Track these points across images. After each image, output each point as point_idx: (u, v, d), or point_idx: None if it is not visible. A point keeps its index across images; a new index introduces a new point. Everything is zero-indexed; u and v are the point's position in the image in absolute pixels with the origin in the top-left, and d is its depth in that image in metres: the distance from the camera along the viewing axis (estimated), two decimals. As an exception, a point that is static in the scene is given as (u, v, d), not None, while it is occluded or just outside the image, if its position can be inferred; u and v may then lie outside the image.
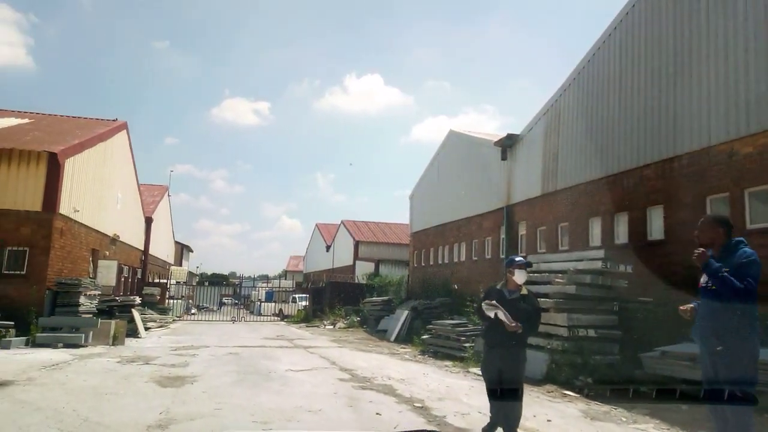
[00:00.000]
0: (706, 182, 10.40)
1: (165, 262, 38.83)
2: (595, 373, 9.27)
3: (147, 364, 10.84)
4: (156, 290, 28.00)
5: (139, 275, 28.51)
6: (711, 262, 4.18)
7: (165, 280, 33.33)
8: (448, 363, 12.35)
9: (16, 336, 13.44)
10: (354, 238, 40.39)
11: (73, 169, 15.87)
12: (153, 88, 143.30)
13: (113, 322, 14.88)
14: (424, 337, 15.25)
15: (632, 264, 10.70)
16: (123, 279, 24.33)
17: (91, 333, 14.12)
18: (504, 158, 17.85)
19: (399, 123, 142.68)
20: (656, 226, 11.70)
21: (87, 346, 13.76)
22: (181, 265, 50.37)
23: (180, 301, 32.43)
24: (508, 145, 17.70)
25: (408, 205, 28.12)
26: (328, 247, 48.35)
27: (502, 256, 17.65)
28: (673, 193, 11.13)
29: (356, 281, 34.75)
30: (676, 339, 8.59)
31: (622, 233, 12.78)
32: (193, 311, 35.65)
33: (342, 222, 44.77)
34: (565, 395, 8.41)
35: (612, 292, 10.61)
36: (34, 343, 13.25)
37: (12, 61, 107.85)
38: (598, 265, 10.29)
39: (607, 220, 13.17)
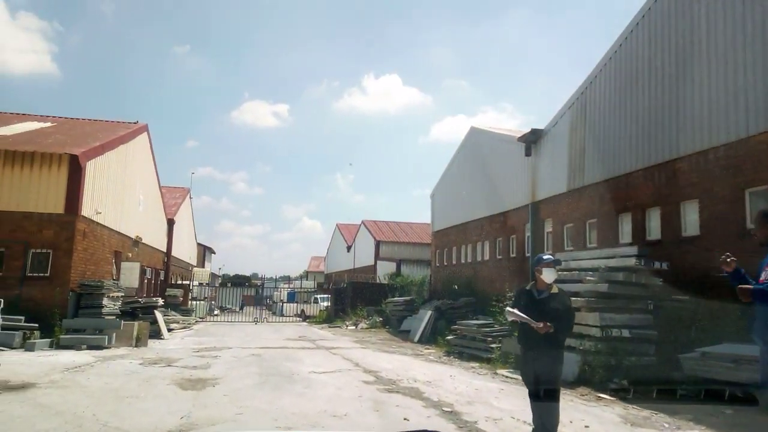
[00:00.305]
0: (745, 174, 9.91)
1: (187, 263, 39.05)
2: (630, 375, 8.86)
3: (169, 365, 10.73)
4: (179, 292, 28.11)
5: (162, 277, 28.66)
6: (755, 292, 3.89)
7: (188, 282, 33.51)
8: (475, 364, 12.03)
9: (41, 338, 13.49)
10: (375, 238, 40.15)
11: (94, 171, 15.90)
12: (174, 92, 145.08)
13: (136, 323, 14.86)
14: (449, 337, 14.93)
15: (667, 261, 10.24)
16: (146, 281, 24.45)
17: (114, 335, 14.10)
18: (528, 154, 17.42)
19: (418, 123, 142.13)
20: (691, 221, 11.22)
21: (110, 347, 13.74)
22: (203, 266, 50.68)
23: (203, 302, 32.54)
24: (532, 140, 17.27)
25: (429, 204, 27.78)
26: (348, 248, 48.19)
27: (528, 255, 17.25)
28: (708, 187, 10.65)
29: (378, 281, 34.51)
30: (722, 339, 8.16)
31: (654, 229, 12.31)
32: (216, 312, 35.76)
33: (363, 222, 44.57)
34: (600, 398, 8.04)
35: (646, 291, 10.17)
36: (58, 345, 13.26)
37: (38, 68, 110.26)
38: (632, 262, 9.87)
39: (638, 215, 12.70)
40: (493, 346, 12.46)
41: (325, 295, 33.97)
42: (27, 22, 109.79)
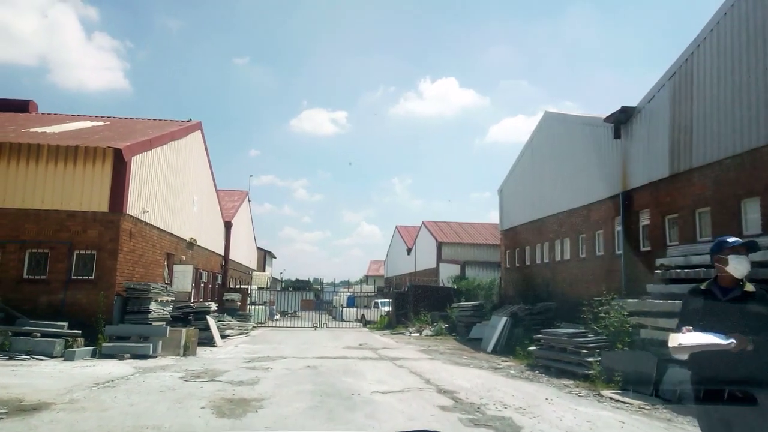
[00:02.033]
0: None
1: (247, 267, 38.50)
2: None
3: (212, 380, 9.35)
4: (236, 296, 27.24)
5: (219, 281, 27.92)
6: None
7: (246, 286, 32.75)
8: (568, 382, 10.01)
9: (85, 345, 12.57)
10: (436, 240, 38.24)
11: (141, 167, 14.95)
12: (236, 102, 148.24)
13: (184, 330, 13.69)
14: (532, 348, 12.92)
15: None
16: (202, 285, 23.64)
17: (160, 343, 12.97)
18: (617, 136, 15.11)
19: (475, 125, 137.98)
20: None
21: (156, 356, 12.62)
22: (264, 270, 50.35)
23: (262, 307, 31.64)
24: (621, 120, 14.96)
25: (488, 206, 25.63)
26: (409, 250, 46.47)
27: (619, 252, 14.96)
28: None
29: (441, 285, 32.63)
30: None
31: (792, 216, 9.89)
32: (276, 317, 34.88)
33: (423, 223, 42.74)
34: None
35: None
36: (100, 354, 12.26)
37: (112, 85, 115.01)
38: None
39: (769, 200, 10.29)
40: (590, 360, 10.38)
41: (386, 300, 32.38)
42: (102, 42, 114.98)
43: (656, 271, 10.06)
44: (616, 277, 14.71)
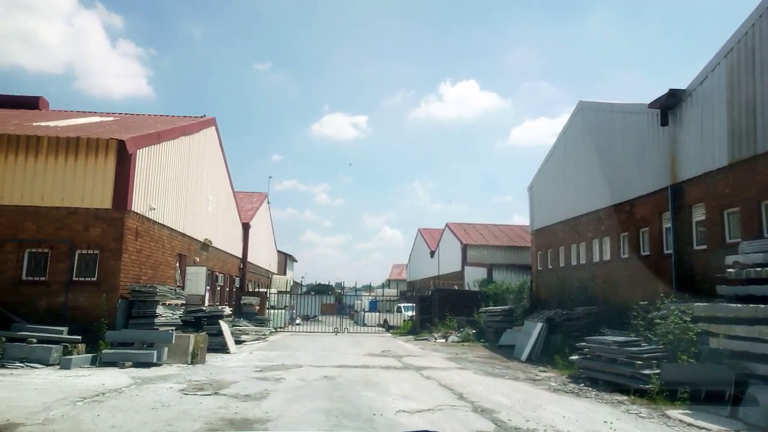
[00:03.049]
0: None
1: (266, 270, 37.65)
2: None
3: (216, 393, 8.27)
4: (255, 300, 26.29)
5: (237, 284, 27.02)
6: None
7: (265, 290, 31.80)
8: (622, 398, 8.70)
9: (86, 352, 11.66)
10: (461, 242, 36.86)
11: (148, 162, 14.02)
12: (258, 108, 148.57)
13: (192, 336, 12.66)
14: (573, 357, 11.59)
15: None
16: (218, 288, 22.74)
17: (165, 349, 11.97)
18: (664, 123, 13.71)
19: (496, 128, 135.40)
20: None
21: (161, 364, 11.64)
22: (284, 274, 49.52)
23: (281, 311, 30.64)
24: (669, 105, 13.56)
25: (509, 210, 24.32)
26: (432, 253, 45.16)
27: (668, 251, 13.55)
28: None
29: (467, 288, 31.29)
30: None
31: None
32: (297, 321, 33.87)
33: (447, 225, 41.38)
34: None
35: None
36: (100, 362, 11.30)
37: (136, 92, 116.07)
38: None
39: None
40: (647, 372, 9.02)
41: (409, 304, 31.12)
42: (126, 49, 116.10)
43: (728, 270, 8.67)
44: (666, 279, 13.29)
